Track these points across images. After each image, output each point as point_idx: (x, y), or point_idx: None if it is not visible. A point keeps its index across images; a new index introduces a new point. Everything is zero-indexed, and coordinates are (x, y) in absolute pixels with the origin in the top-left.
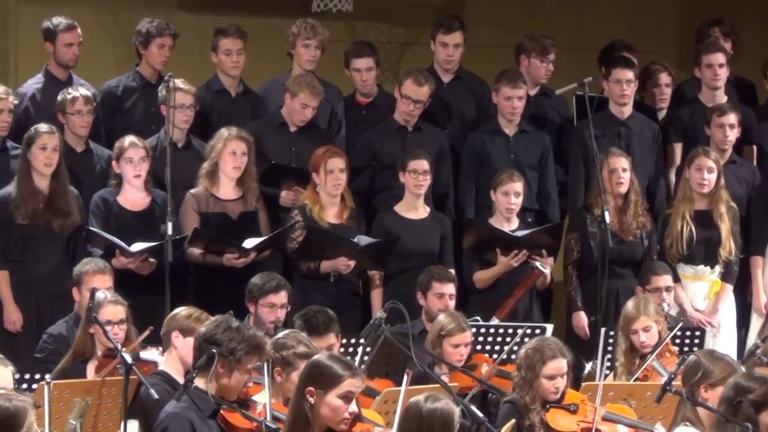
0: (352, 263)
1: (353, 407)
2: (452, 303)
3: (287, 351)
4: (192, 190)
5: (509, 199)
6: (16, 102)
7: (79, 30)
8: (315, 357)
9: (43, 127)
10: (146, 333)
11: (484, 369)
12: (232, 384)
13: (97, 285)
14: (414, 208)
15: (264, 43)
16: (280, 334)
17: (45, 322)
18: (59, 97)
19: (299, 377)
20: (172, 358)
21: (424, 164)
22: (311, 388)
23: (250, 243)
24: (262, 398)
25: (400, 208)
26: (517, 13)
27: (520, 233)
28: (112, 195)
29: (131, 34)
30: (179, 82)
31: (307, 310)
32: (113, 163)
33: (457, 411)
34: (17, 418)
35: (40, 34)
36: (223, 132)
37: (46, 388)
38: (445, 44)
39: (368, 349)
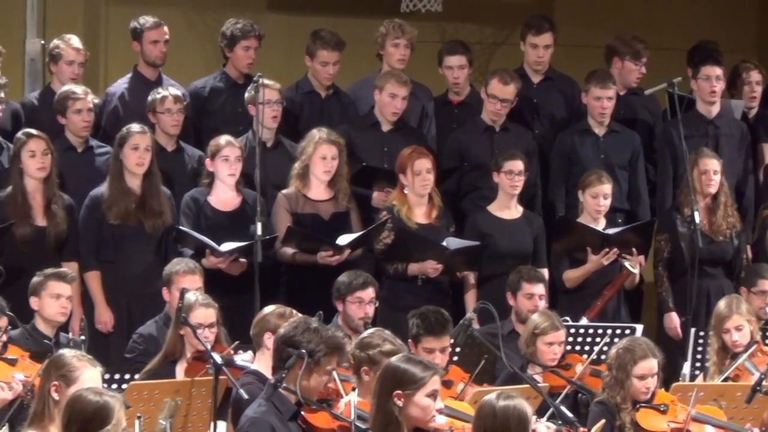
0: (440, 267)
1: (439, 404)
2: (542, 303)
3: (373, 350)
4: (283, 191)
5: (598, 201)
6: (96, 101)
7: (165, 28)
8: (391, 361)
9: (135, 127)
10: (234, 345)
11: (578, 369)
12: (312, 385)
13: (187, 285)
14: (507, 208)
15: (353, 44)
16: (365, 333)
17: (136, 323)
18: (150, 97)
19: (380, 382)
20: (264, 358)
21: (519, 164)
22: (399, 392)
23: (343, 240)
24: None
25: (494, 208)
26: (606, 12)
27: (611, 230)
28: (203, 195)
29: (219, 35)
30: (266, 80)
31: (425, 310)
32: (207, 161)
33: (530, 408)
34: (106, 411)
35: (129, 34)
36: (314, 134)
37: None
38: (535, 45)
39: (458, 350)
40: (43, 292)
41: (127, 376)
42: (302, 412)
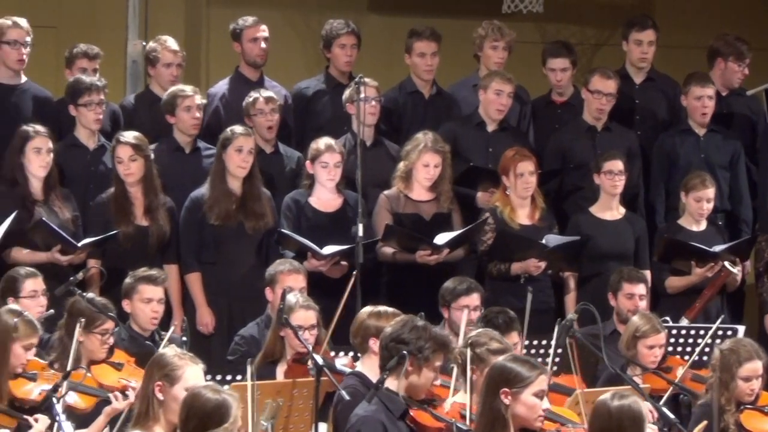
0: (543, 264)
1: (546, 404)
2: (643, 304)
3: (480, 348)
4: (386, 192)
5: (701, 205)
6: (204, 101)
7: (264, 26)
8: (499, 360)
9: (239, 128)
10: (341, 355)
11: (679, 372)
12: (421, 382)
13: (291, 284)
14: (609, 209)
15: (454, 45)
16: (473, 333)
17: (237, 325)
18: (244, 101)
19: (487, 381)
20: (369, 361)
21: (618, 164)
22: (506, 390)
23: (442, 239)
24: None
25: (596, 209)
26: (705, 13)
27: (717, 248)
28: (304, 196)
29: (320, 37)
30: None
31: (488, 312)
32: (307, 163)
33: (645, 408)
34: (225, 409)
35: (230, 36)
36: (420, 139)
37: (249, 387)
38: (639, 42)
39: (559, 351)
40: (135, 295)
41: (229, 377)
42: (411, 412)
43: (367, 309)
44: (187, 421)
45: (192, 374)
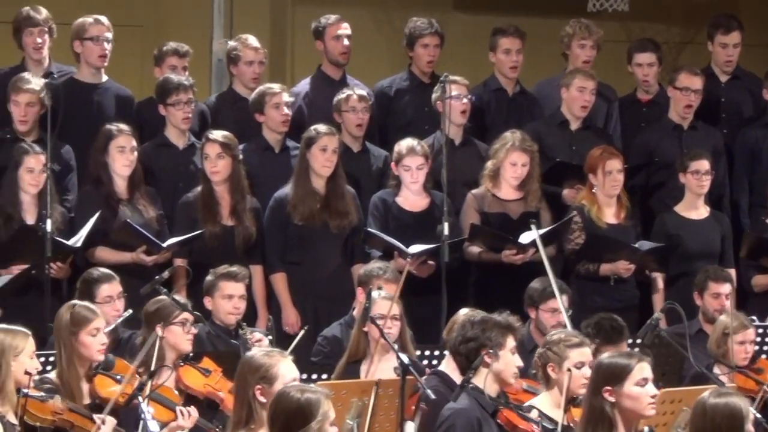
0: (632, 267)
1: (653, 389)
2: (728, 303)
3: (557, 345)
4: (473, 191)
5: None
6: (291, 99)
7: (346, 24)
8: (599, 358)
9: (323, 128)
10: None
11: None
12: (505, 368)
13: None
14: (695, 208)
15: (539, 43)
16: (550, 333)
17: (322, 325)
18: (336, 97)
19: (590, 381)
20: (453, 362)
21: (705, 164)
22: (608, 387)
23: (527, 238)
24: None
25: (681, 209)
26: None
27: None
28: (391, 196)
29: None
30: (452, 76)
31: (598, 318)
32: (392, 164)
33: (746, 405)
34: (309, 409)
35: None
36: (508, 138)
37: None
38: (724, 45)
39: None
40: (216, 292)
41: (314, 376)
42: (502, 410)
43: (466, 311)
44: (273, 422)
45: (286, 368)
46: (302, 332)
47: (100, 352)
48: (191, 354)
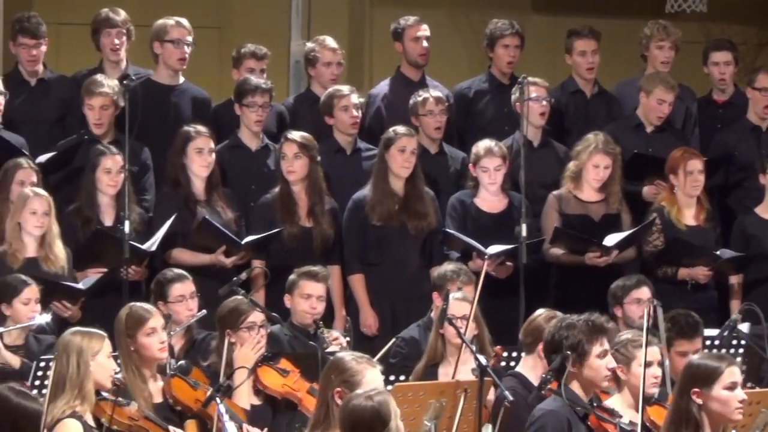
0: (711, 273)
1: (741, 394)
2: None
3: (624, 347)
4: (555, 192)
5: None
6: (361, 100)
7: (425, 26)
8: (689, 359)
9: (401, 129)
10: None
11: None
12: (591, 375)
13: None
14: None
15: (617, 44)
16: (621, 334)
17: (400, 326)
18: (412, 100)
19: (678, 382)
20: (532, 362)
21: None
22: (696, 389)
23: (611, 240)
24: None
25: (761, 210)
26: None
27: None
28: (469, 197)
29: (484, 36)
30: (531, 78)
31: (674, 313)
32: (470, 166)
33: None
34: (385, 410)
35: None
36: (591, 140)
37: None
38: None
39: (722, 351)
40: (296, 291)
41: (392, 378)
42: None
43: (543, 311)
44: None
45: (371, 378)
46: (392, 342)
47: (161, 350)
48: (269, 355)
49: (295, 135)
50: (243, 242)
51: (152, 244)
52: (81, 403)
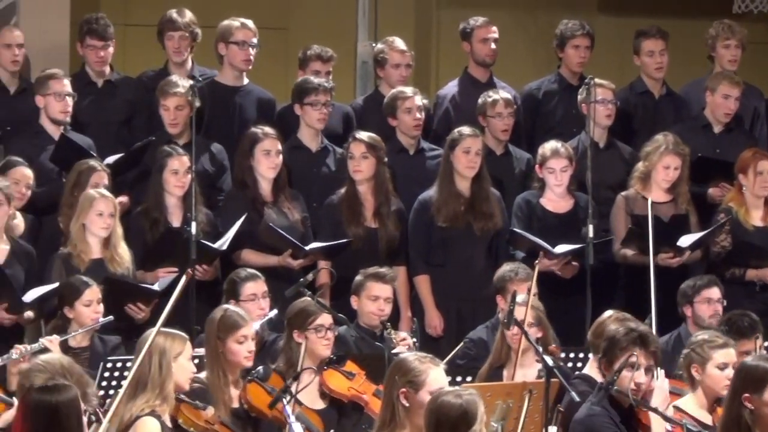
0: None
1: None
2: None
3: (700, 347)
4: (623, 192)
5: None
6: (425, 101)
7: (494, 27)
8: (743, 361)
9: (466, 129)
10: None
11: None
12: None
13: (521, 291)
14: None
15: (685, 45)
16: (696, 334)
17: (466, 327)
18: (480, 100)
19: (731, 385)
20: (597, 364)
21: None
22: (747, 394)
23: (685, 241)
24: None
25: None
26: None
27: None
28: (536, 197)
29: (551, 37)
30: (598, 79)
31: (731, 314)
32: (537, 167)
33: None
34: (472, 410)
35: (459, 36)
36: (660, 141)
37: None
38: None
39: None
40: (363, 292)
41: (458, 379)
42: (637, 413)
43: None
44: (437, 430)
45: (435, 377)
46: (460, 345)
47: (247, 359)
48: (335, 357)
49: (363, 135)
50: (307, 248)
51: (223, 243)
52: (161, 403)
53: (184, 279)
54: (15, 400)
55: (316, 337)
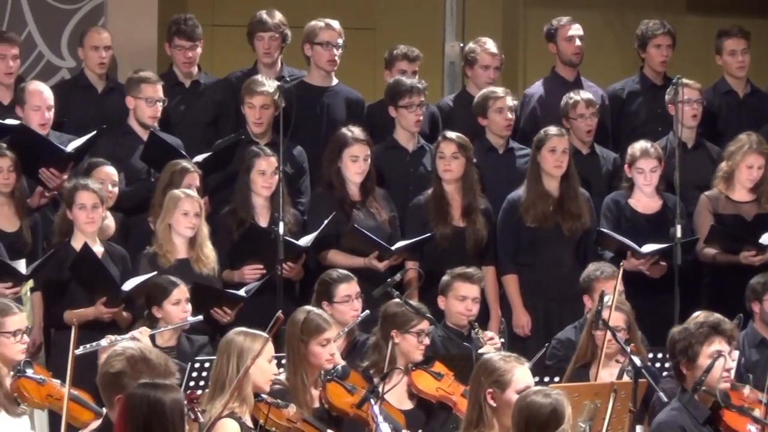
0: None
1: None
2: None
3: None
4: (707, 192)
5: None
6: (515, 102)
7: (578, 26)
8: None
9: (553, 129)
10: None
11: None
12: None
13: (607, 290)
14: None
15: None
16: None
17: (554, 327)
18: (562, 102)
19: None
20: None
21: None
22: None
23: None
24: None
25: None
26: None
27: None
28: (624, 197)
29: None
30: (685, 80)
31: None
32: (625, 167)
33: None
34: (561, 410)
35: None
36: (744, 140)
37: None
38: None
39: None
40: (450, 292)
41: (546, 379)
42: (723, 414)
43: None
44: (526, 429)
45: (521, 376)
46: (548, 346)
47: (329, 361)
48: (423, 358)
49: (453, 135)
50: (394, 248)
51: (308, 241)
52: (240, 405)
53: (275, 322)
54: (104, 410)
55: (416, 341)
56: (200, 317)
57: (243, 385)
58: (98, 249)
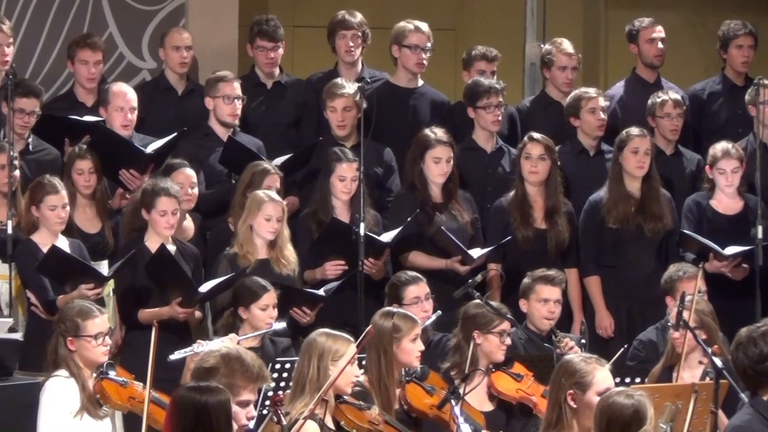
0: None
1: None
2: None
3: None
4: None
5: None
6: (607, 102)
7: (660, 27)
8: None
9: (634, 130)
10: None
11: None
12: None
13: (689, 290)
14: None
15: None
16: None
17: (636, 329)
18: (649, 101)
19: None
20: None
21: None
22: None
23: None
24: None
25: None
26: None
27: None
28: (705, 199)
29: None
30: (765, 80)
31: None
32: (707, 168)
33: None
34: (644, 411)
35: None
36: None
37: None
38: None
39: None
40: (532, 295)
41: (627, 380)
42: None
43: None
44: (608, 430)
45: (602, 378)
46: (629, 347)
47: (418, 358)
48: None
49: (539, 136)
50: (475, 257)
51: (390, 237)
52: (320, 407)
53: (365, 335)
54: None
55: (498, 341)
56: (284, 324)
57: (322, 386)
58: (170, 248)
